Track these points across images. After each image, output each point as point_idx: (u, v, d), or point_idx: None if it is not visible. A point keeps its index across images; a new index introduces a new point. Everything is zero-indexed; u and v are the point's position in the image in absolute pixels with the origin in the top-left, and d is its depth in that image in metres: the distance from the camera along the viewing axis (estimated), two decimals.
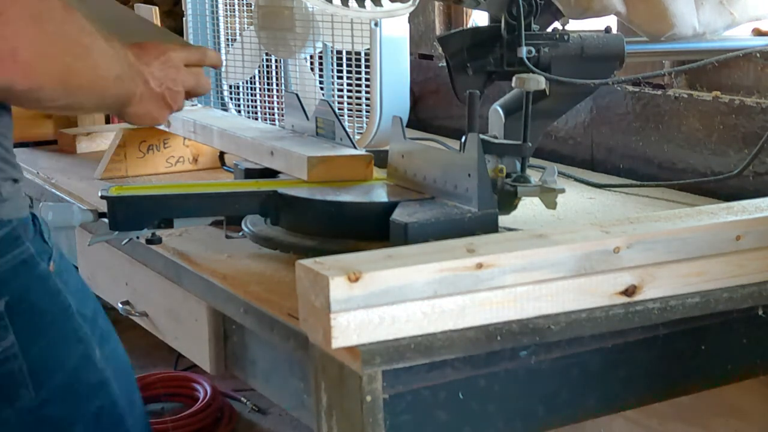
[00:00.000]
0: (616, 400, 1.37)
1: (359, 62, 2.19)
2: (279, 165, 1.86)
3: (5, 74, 1.08)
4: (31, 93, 1.14)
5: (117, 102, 1.33)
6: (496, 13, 1.74)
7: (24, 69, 1.10)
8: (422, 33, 2.84)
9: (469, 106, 1.59)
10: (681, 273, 1.29)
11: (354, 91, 2.22)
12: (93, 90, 1.25)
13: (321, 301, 1.11)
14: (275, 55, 2.35)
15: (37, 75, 1.12)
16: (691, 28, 1.85)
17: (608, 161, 2.28)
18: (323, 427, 1.21)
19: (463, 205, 1.51)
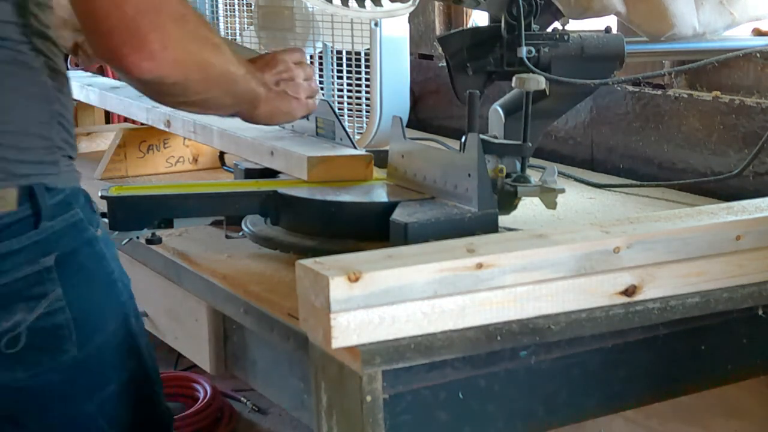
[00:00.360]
0: (616, 400, 1.37)
1: (359, 62, 2.19)
2: (279, 165, 1.86)
3: (159, 69, 1.26)
4: (178, 85, 1.32)
5: (248, 99, 1.51)
6: (496, 13, 1.74)
7: (173, 63, 1.28)
8: (422, 33, 2.84)
9: (469, 106, 1.59)
10: (681, 273, 1.29)
11: (354, 91, 2.22)
12: (228, 83, 1.43)
13: (321, 301, 1.11)
14: None
15: (184, 68, 1.30)
16: (691, 28, 1.85)
17: (608, 161, 2.28)
18: (323, 427, 1.21)
19: (463, 205, 1.51)
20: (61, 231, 1.31)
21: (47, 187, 1.29)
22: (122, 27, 1.22)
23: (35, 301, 1.29)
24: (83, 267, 1.34)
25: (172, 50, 1.27)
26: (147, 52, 1.24)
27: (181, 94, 1.36)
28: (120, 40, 1.23)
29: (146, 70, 1.25)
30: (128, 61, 1.24)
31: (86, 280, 1.35)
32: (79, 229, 1.33)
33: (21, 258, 1.28)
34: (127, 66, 1.24)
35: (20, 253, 1.28)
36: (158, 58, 1.25)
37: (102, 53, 1.26)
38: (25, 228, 1.27)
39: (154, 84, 1.29)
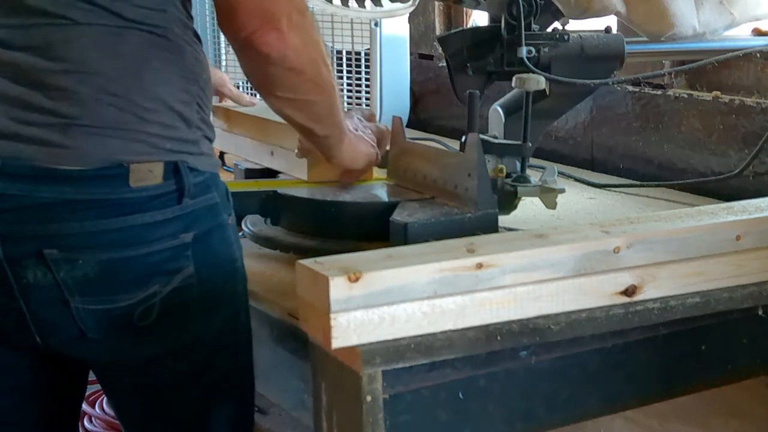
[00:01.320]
0: (616, 400, 1.37)
1: (359, 62, 2.19)
2: (279, 165, 1.86)
3: (284, 47, 1.37)
4: (293, 74, 1.41)
5: (339, 128, 1.59)
6: (496, 13, 1.74)
7: (295, 46, 1.38)
8: (422, 33, 2.84)
9: (469, 106, 1.59)
10: (681, 273, 1.29)
11: (354, 91, 2.22)
12: (331, 96, 1.51)
13: (321, 301, 1.11)
14: None
15: (302, 55, 1.40)
16: (691, 28, 1.85)
17: (608, 161, 2.28)
18: (323, 427, 1.21)
19: (463, 205, 1.51)
20: (200, 211, 1.38)
21: (190, 167, 1.36)
22: (257, 7, 1.35)
23: (171, 275, 1.35)
24: (213, 249, 1.40)
25: (296, 35, 1.37)
26: (276, 30, 1.36)
27: (292, 89, 1.44)
28: (253, 17, 1.35)
29: (274, 47, 1.36)
30: (258, 35, 1.35)
31: (214, 263, 1.40)
32: (214, 212, 1.40)
33: (165, 231, 1.34)
34: (257, 40, 1.36)
35: (164, 225, 1.34)
36: (285, 38, 1.36)
37: (234, 30, 1.37)
38: (170, 202, 1.35)
39: (275, 64, 1.38)
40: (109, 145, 1.31)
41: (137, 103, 1.32)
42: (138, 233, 1.32)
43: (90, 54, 1.31)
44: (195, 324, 1.40)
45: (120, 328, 1.35)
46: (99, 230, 1.31)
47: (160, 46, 1.35)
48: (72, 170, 1.30)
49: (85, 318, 1.34)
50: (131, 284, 1.34)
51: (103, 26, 1.31)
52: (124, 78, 1.32)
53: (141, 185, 1.32)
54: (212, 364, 1.44)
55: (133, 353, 1.39)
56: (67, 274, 1.31)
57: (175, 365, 1.42)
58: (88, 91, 1.30)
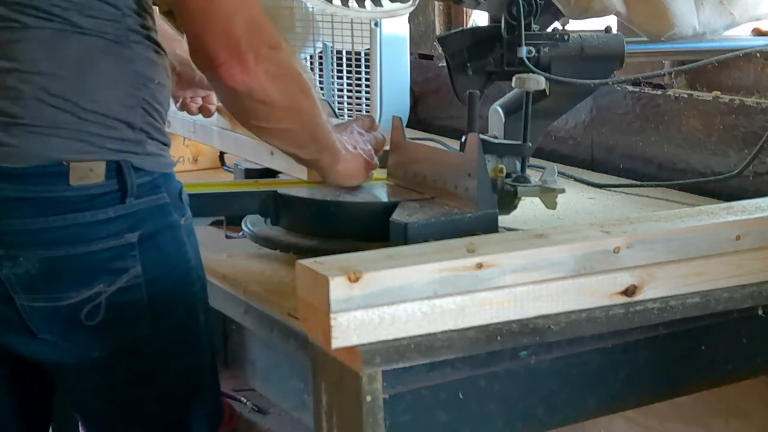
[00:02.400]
0: (616, 400, 1.37)
1: (359, 62, 2.19)
2: (279, 165, 1.86)
3: (250, 81, 1.38)
4: (264, 106, 1.44)
5: (330, 151, 1.60)
6: (496, 13, 1.74)
7: (262, 78, 1.40)
8: (422, 33, 2.84)
9: (469, 106, 1.59)
10: (681, 273, 1.29)
11: (354, 91, 2.22)
12: (311, 124, 1.53)
13: (321, 301, 1.11)
14: None
15: (271, 87, 1.42)
16: (691, 28, 1.85)
17: (608, 161, 2.28)
18: (323, 427, 1.21)
19: (463, 205, 1.51)
20: (146, 211, 1.38)
21: (134, 166, 1.37)
22: (225, 40, 1.37)
23: (116, 275, 1.36)
24: (162, 250, 1.41)
25: (264, 69, 1.39)
26: (241, 65, 1.37)
27: (265, 118, 1.47)
28: (219, 50, 1.37)
29: (239, 81, 1.38)
30: (224, 69, 1.37)
31: (163, 263, 1.41)
32: (163, 212, 1.41)
33: (107, 230, 1.35)
34: (224, 73, 1.38)
35: (107, 224, 1.35)
36: (250, 71, 1.38)
37: (202, 62, 1.40)
38: (112, 201, 1.35)
39: (243, 96, 1.41)
40: (49, 143, 1.32)
41: (77, 104, 1.33)
42: (79, 231, 1.34)
43: (34, 55, 1.32)
44: (145, 324, 1.40)
45: (68, 328, 1.37)
46: (39, 228, 1.32)
47: (107, 50, 1.36)
48: (13, 168, 1.32)
49: (31, 315, 1.36)
50: (74, 282, 1.35)
51: (51, 30, 1.32)
52: (66, 79, 1.33)
53: (81, 183, 1.33)
54: (168, 364, 1.45)
55: (85, 353, 1.39)
56: (9, 271, 1.33)
57: (129, 365, 1.42)
58: (30, 91, 1.32)
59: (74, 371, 1.43)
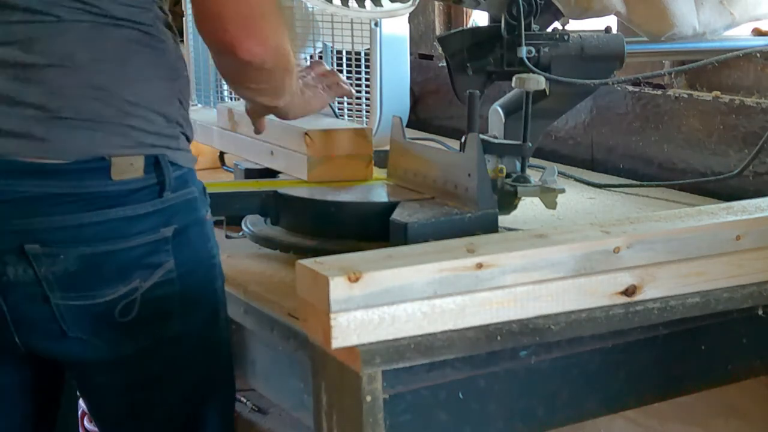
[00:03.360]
0: (616, 400, 1.37)
1: (359, 62, 2.19)
2: (279, 165, 1.86)
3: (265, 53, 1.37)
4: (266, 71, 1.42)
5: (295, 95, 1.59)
6: (496, 13, 1.74)
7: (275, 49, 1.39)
8: (422, 33, 2.84)
9: (469, 106, 1.59)
10: (681, 273, 1.29)
11: (354, 91, 2.22)
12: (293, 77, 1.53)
13: (321, 301, 1.11)
14: None
15: (278, 55, 1.41)
16: (691, 28, 1.85)
17: (608, 161, 2.28)
18: (323, 427, 1.21)
19: (463, 205, 1.51)
20: (179, 205, 1.38)
21: (170, 161, 1.37)
22: (237, 14, 1.34)
23: (151, 270, 1.36)
24: (192, 245, 1.41)
25: (274, 38, 1.39)
26: (256, 37, 1.36)
27: (264, 80, 1.47)
28: (233, 24, 1.35)
29: (256, 53, 1.37)
30: (239, 41, 1.35)
31: (193, 258, 1.41)
32: (193, 207, 1.41)
33: (145, 224, 1.35)
34: (238, 47, 1.36)
35: (145, 219, 1.35)
36: (265, 43, 1.37)
37: (214, 36, 1.37)
38: (151, 196, 1.35)
39: (254, 67, 1.39)
40: (92, 138, 1.31)
41: (120, 97, 1.33)
42: (119, 227, 1.33)
43: (74, 48, 1.31)
44: (175, 320, 1.40)
45: (101, 325, 1.35)
46: (81, 224, 1.31)
47: (144, 42, 1.36)
48: (54, 164, 1.30)
49: (65, 315, 1.34)
50: (112, 279, 1.34)
51: (88, 22, 1.32)
52: (107, 72, 1.33)
53: (122, 178, 1.33)
54: (193, 361, 1.45)
55: (114, 350, 1.38)
56: (48, 269, 1.32)
57: (154, 363, 1.42)
58: (72, 85, 1.31)
59: (101, 369, 1.42)
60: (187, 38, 2.54)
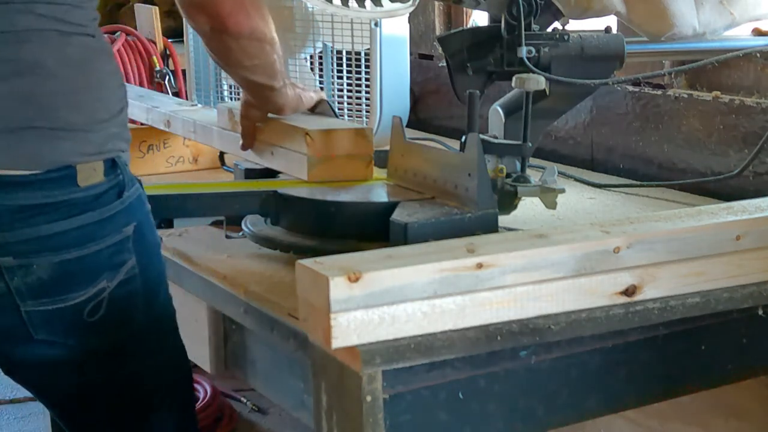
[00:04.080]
0: (616, 400, 1.37)
1: (359, 62, 2.19)
2: (279, 165, 1.86)
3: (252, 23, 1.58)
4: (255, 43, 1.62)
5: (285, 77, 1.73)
6: (496, 13, 1.74)
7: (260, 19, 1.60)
8: (422, 33, 2.84)
9: (469, 106, 1.59)
10: (681, 273, 1.29)
11: (354, 91, 2.22)
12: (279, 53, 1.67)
13: (321, 301, 1.11)
14: None
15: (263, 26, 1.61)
16: (691, 28, 1.85)
17: (608, 161, 2.28)
18: (323, 427, 1.21)
19: (463, 205, 1.51)
20: (134, 203, 1.43)
21: (123, 161, 1.42)
22: None
23: (117, 269, 1.40)
24: (147, 239, 1.45)
25: (257, 12, 1.58)
26: (244, 11, 1.56)
27: (256, 55, 1.63)
28: (225, 5, 1.54)
29: (245, 25, 1.56)
30: (231, 17, 1.55)
31: (148, 251, 1.46)
32: (142, 202, 1.46)
33: (111, 226, 1.39)
34: (230, 22, 1.55)
35: (111, 221, 1.39)
36: (251, 16, 1.57)
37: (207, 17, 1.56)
38: (112, 198, 1.40)
39: (244, 37, 1.58)
40: (61, 147, 1.34)
41: (87, 104, 1.37)
42: (90, 231, 1.36)
43: (42, 56, 1.33)
44: (140, 312, 1.44)
45: (69, 327, 1.38)
46: (53, 233, 1.34)
47: (96, 48, 1.41)
48: (24, 175, 1.32)
49: (34, 320, 1.36)
50: (83, 282, 1.37)
51: (50, 30, 1.35)
52: (74, 79, 1.36)
53: (88, 184, 1.36)
54: (160, 348, 1.49)
55: (83, 349, 1.40)
56: (20, 280, 1.33)
57: (125, 357, 1.44)
58: (43, 93, 1.33)
59: (68, 369, 1.43)
60: (186, 38, 2.54)
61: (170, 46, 3.31)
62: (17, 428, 3.32)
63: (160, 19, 3.31)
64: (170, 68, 3.28)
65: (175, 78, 3.23)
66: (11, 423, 3.34)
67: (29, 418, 3.26)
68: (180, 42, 2.61)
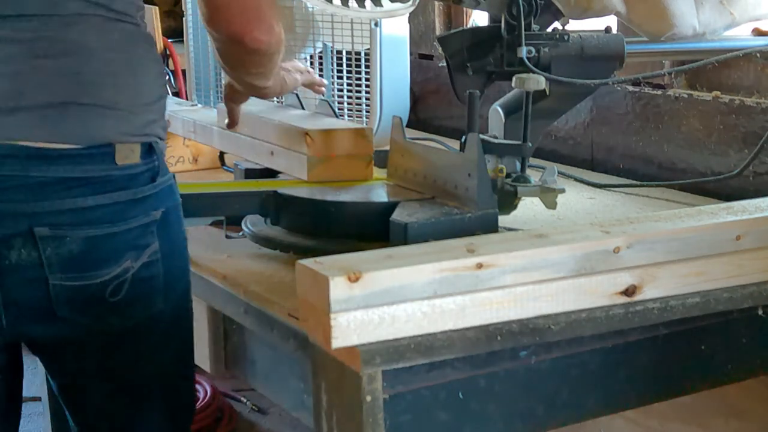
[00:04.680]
0: (616, 400, 1.37)
1: (359, 62, 2.19)
2: (279, 165, 1.86)
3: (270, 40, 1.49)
4: (267, 56, 1.54)
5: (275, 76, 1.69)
6: (496, 13, 1.74)
7: (278, 36, 1.52)
8: (422, 33, 2.84)
9: (469, 106, 1.59)
10: (681, 273, 1.29)
11: (354, 91, 2.22)
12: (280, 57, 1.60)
13: (321, 301, 1.11)
14: None
15: (280, 40, 1.53)
16: (691, 28, 1.85)
17: (608, 161, 2.28)
18: (323, 427, 1.22)
19: (463, 205, 1.51)
20: (165, 190, 1.46)
21: (159, 147, 1.45)
22: (246, 8, 1.47)
23: (141, 250, 1.42)
24: (171, 227, 1.47)
25: (277, 26, 1.50)
26: (263, 26, 1.48)
27: (265, 64, 1.59)
28: (242, 15, 1.47)
29: (263, 42, 1.48)
30: (249, 31, 1.47)
31: (172, 240, 1.47)
32: (172, 191, 1.48)
33: (141, 208, 1.41)
34: (248, 36, 1.47)
35: (142, 203, 1.42)
36: (272, 32, 1.49)
37: (224, 28, 1.49)
38: (146, 181, 1.42)
39: (260, 54, 1.52)
40: (103, 124, 1.38)
41: (130, 85, 1.40)
42: (122, 210, 1.39)
43: (86, 38, 1.37)
44: (159, 298, 1.45)
45: (91, 304, 1.40)
46: (89, 206, 1.37)
47: (139, 35, 1.44)
48: (65, 149, 1.36)
49: (60, 295, 1.38)
50: (110, 260, 1.40)
51: (95, 16, 1.38)
52: (117, 61, 1.39)
53: (125, 163, 1.39)
54: (171, 339, 1.50)
55: (104, 328, 1.43)
56: (53, 251, 1.36)
57: (141, 340, 1.46)
58: (87, 71, 1.37)
59: (86, 349, 1.45)
60: (187, 38, 2.54)
61: (170, 46, 3.31)
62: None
63: (160, 19, 3.31)
64: (170, 68, 3.28)
65: (175, 78, 3.23)
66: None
67: (29, 418, 3.26)
68: (180, 42, 2.61)
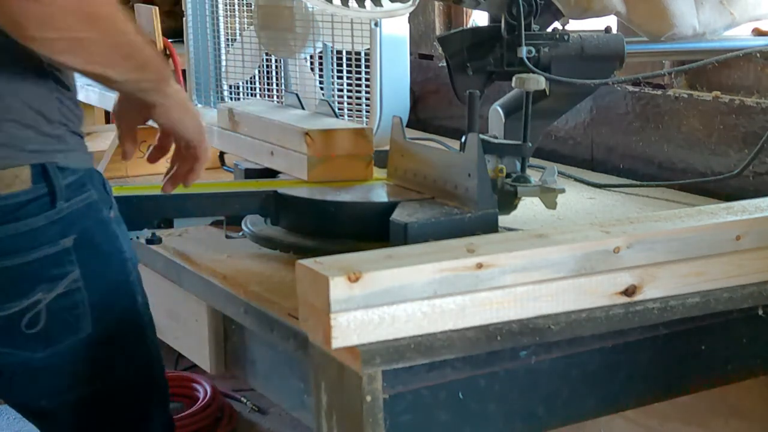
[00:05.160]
0: (616, 400, 1.37)
1: (359, 62, 2.19)
2: (279, 165, 1.86)
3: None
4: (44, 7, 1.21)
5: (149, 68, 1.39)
6: (496, 13, 1.74)
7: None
8: (422, 33, 2.84)
9: (469, 106, 1.59)
10: (681, 273, 1.29)
11: (354, 91, 2.22)
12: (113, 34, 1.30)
13: (321, 301, 1.11)
14: (275, 55, 2.35)
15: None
16: (691, 28, 1.85)
17: (608, 161, 2.28)
18: (323, 427, 1.21)
19: (463, 205, 1.51)
20: (77, 212, 1.34)
21: (59, 167, 1.32)
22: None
23: (54, 282, 1.34)
24: (98, 249, 1.38)
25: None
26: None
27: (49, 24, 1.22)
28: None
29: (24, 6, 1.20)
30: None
31: (101, 262, 1.39)
32: (93, 210, 1.37)
33: (41, 238, 1.31)
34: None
35: (40, 232, 1.31)
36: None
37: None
38: (43, 207, 1.31)
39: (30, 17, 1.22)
40: None
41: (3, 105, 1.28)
42: (13, 243, 1.30)
43: None
44: (86, 323, 1.38)
45: (8, 336, 1.34)
46: None
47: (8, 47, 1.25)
48: None
49: None
50: (11, 294, 1.32)
51: None
52: None
53: (9, 192, 1.28)
54: (116, 353, 1.44)
55: (30, 354, 1.36)
56: None
57: (76, 361, 1.40)
58: None
59: (22, 375, 1.40)
60: (187, 38, 2.54)
61: (170, 46, 3.30)
62: (17, 428, 3.31)
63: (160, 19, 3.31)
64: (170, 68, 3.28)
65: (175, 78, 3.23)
66: (11, 423, 3.34)
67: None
68: (180, 42, 2.61)
